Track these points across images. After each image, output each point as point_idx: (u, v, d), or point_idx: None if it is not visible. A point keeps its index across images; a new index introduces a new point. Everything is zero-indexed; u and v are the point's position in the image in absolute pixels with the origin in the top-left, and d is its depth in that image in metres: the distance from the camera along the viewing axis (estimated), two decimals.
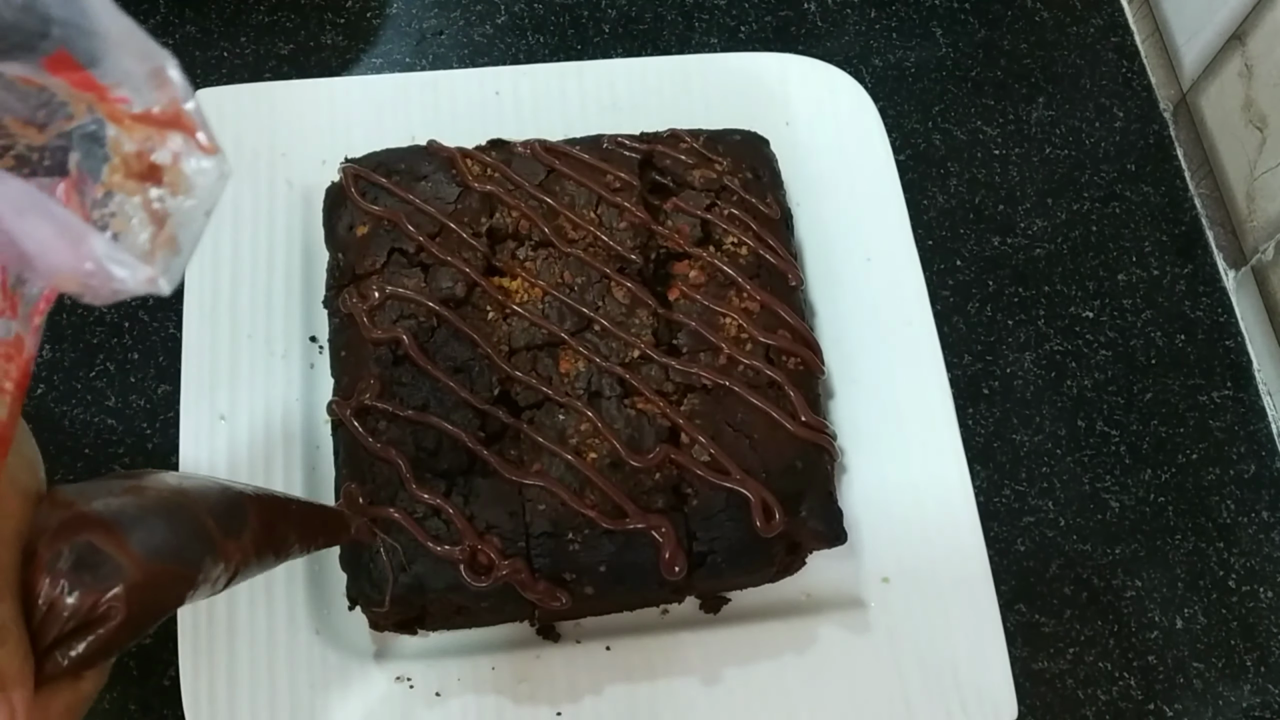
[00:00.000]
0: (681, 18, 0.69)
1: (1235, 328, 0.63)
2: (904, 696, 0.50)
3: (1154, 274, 0.64)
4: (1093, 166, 0.67)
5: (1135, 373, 0.62)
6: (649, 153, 0.56)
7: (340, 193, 0.54)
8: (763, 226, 0.54)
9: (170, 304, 0.59)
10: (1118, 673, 0.55)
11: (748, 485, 0.48)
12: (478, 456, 0.47)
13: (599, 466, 0.48)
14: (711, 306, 0.52)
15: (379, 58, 0.67)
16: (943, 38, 0.70)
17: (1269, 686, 0.55)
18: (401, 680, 0.49)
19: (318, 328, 0.56)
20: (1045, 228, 0.65)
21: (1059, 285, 0.64)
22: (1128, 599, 0.57)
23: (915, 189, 0.65)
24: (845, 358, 0.57)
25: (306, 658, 0.49)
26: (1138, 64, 0.70)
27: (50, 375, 0.57)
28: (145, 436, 0.56)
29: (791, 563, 0.52)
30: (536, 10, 0.69)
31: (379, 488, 0.47)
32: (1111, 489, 0.59)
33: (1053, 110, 0.68)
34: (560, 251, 0.52)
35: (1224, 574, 0.57)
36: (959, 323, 0.62)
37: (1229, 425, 0.61)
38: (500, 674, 0.50)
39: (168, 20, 0.66)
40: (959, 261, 0.64)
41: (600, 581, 0.47)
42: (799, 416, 0.50)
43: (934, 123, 0.67)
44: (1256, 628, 0.56)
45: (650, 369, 0.50)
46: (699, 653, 0.51)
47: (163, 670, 0.52)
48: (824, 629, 0.52)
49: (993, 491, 0.58)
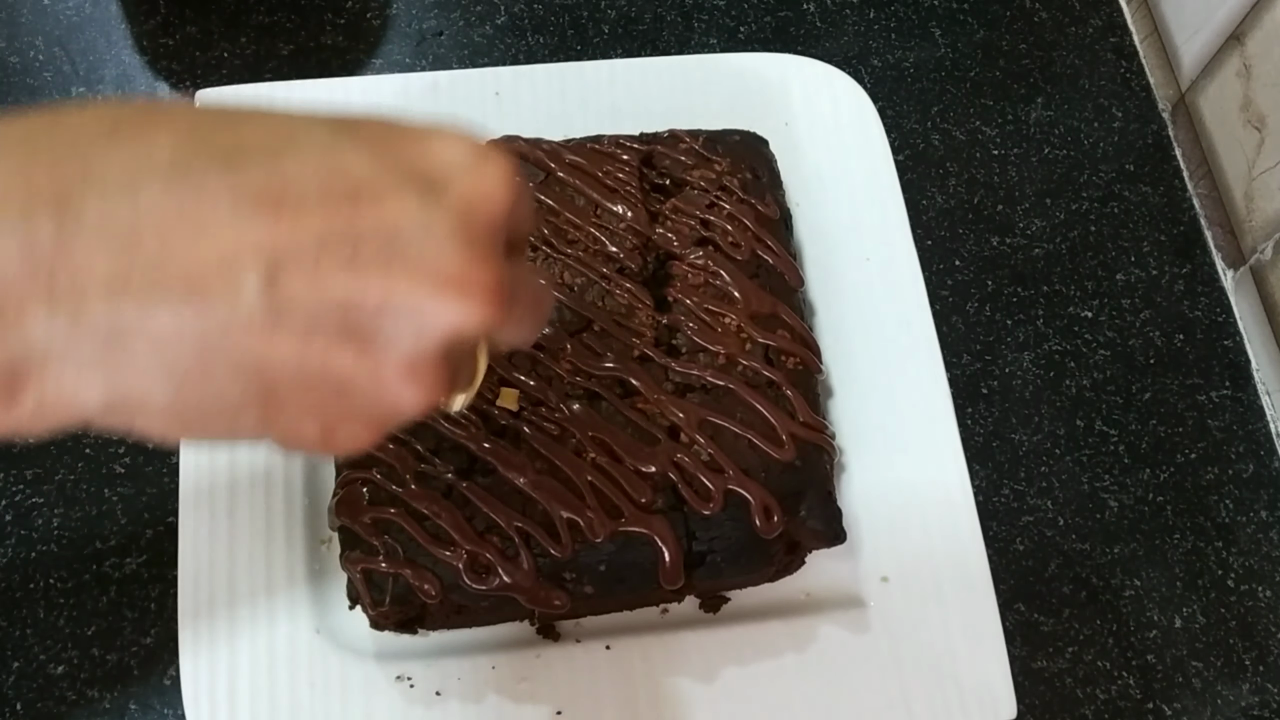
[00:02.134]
0: (681, 18, 0.69)
1: (1234, 327, 0.63)
2: (903, 695, 0.50)
3: (1152, 274, 0.64)
4: (1091, 166, 0.67)
5: (1134, 372, 0.62)
6: (648, 153, 0.56)
7: None
8: (762, 227, 0.54)
9: None
10: (1116, 672, 0.55)
11: (747, 485, 0.48)
12: (477, 457, 0.48)
13: (599, 467, 0.48)
14: (711, 307, 0.52)
15: (379, 58, 0.67)
16: (941, 38, 0.70)
17: (1268, 685, 0.55)
18: (401, 680, 0.49)
19: None
20: (1044, 228, 0.65)
21: (1058, 285, 0.64)
22: (1126, 598, 0.57)
23: (914, 189, 0.65)
24: (845, 358, 0.57)
25: (306, 658, 0.49)
26: (1136, 64, 0.70)
27: None
28: None
29: (791, 562, 0.52)
30: (536, 11, 0.69)
31: (378, 488, 0.47)
32: (1110, 488, 0.59)
33: (1051, 110, 0.68)
34: (559, 252, 0.52)
35: (1223, 573, 0.57)
36: (958, 323, 0.62)
37: (1228, 425, 0.61)
38: (500, 674, 0.50)
39: (168, 21, 0.66)
40: (958, 261, 0.64)
41: (600, 581, 0.47)
42: (798, 416, 0.50)
43: (933, 123, 0.67)
44: (1255, 627, 0.56)
45: (650, 369, 0.50)
46: (699, 652, 0.51)
47: (163, 670, 0.52)
48: (823, 628, 0.52)
49: (991, 491, 0.58)
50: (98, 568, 0.53)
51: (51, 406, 0.25)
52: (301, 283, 0.26)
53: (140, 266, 0.25)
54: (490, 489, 0.47)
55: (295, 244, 0.26)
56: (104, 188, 0.25)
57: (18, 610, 0.52)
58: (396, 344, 0.27)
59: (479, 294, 0.27)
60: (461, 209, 0.28)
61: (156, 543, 0.54)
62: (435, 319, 0.27)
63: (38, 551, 0.54)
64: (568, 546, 0.46)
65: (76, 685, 0.51)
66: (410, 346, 0.27)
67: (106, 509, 0.55)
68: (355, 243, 0.26)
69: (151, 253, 0.25)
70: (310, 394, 0.27)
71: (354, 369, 0.27)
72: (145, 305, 0.25)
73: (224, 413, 0.27)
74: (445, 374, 0.28)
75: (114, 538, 0.54)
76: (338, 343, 0.27)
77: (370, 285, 0.26)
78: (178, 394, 0.26)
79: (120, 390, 0.26)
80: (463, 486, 0.47)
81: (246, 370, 0.26)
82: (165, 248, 0.25)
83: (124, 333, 0.25)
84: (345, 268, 0.26)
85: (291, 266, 0.26)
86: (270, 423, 0.28)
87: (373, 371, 0.27)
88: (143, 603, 0.53)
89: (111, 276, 0.25)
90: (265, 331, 0.26)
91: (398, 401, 0.28)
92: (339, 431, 0.29)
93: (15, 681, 0.51)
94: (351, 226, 0.26)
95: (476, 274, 0.27)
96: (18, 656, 0.52)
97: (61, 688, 0.51)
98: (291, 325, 0.26)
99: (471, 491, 0.47)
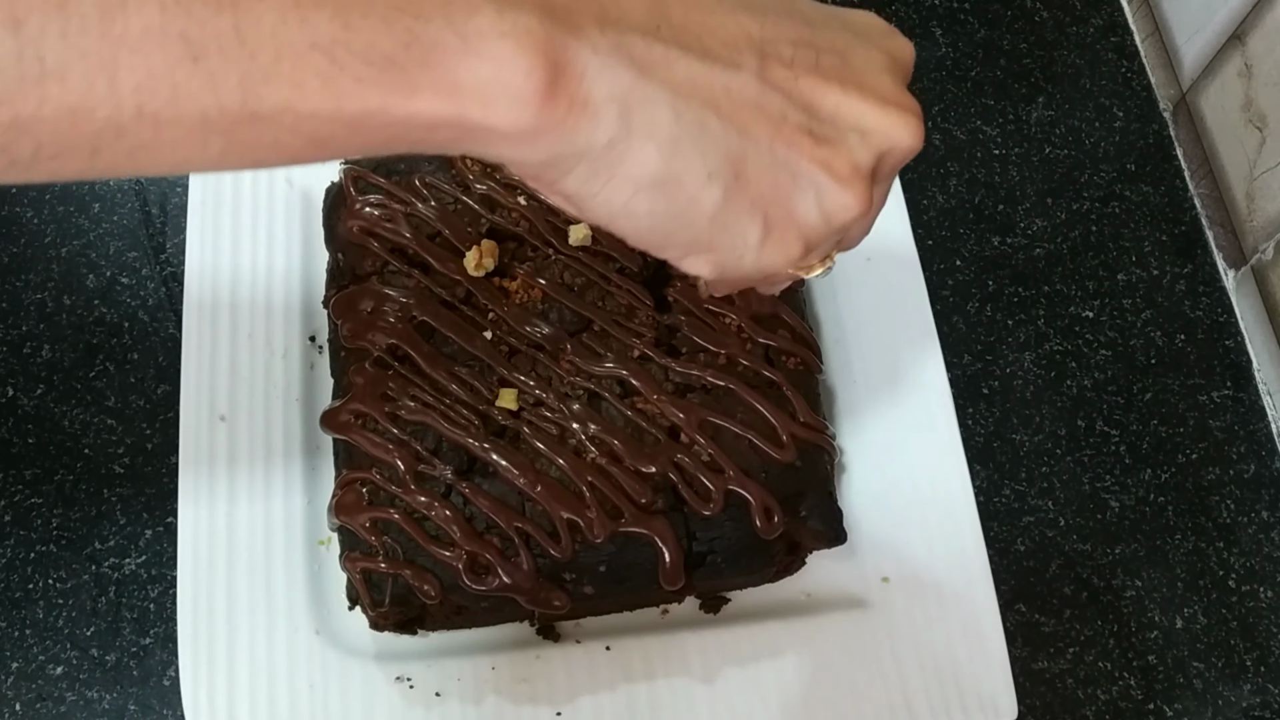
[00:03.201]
0: None
1: (1235, 327, 0.63)
2: (904, 696, 0.50)
3: (1154, 274, 0.64)
4: (1092, 166, 0.67)
5: (1135, 372, 0.62)
6: None
7: (340, 193, 0.54)
8: None
9: (170, 304, 0.59)
10: (1118, 672, 0.55)
11: (747, 486, 0.48)
12: (477, 457, 0.47)
13: (599, 467, 0.48)
14: (711, 307, 0.52)
15: None
16: (942, 38, 0.70)
17: (1269, 686, 0.55)
18: (401, 680, 0.49)
19: (318, 328, 0.56)
20: (1045, 227, 0.65)
21: (1059, 285, 0.64)
22: (1127, 599, 0.57)
23: (915, 189, 0.65)
24: (845, 358, 0.57)
25: (306, 658, 0.49)
26: (1137, 64, 0.70)
27: (50, 375, 0.57)
28: (145, 436, 0.56)
29: (791, 563, 0.52)
30: None
31: (378, 488, 0.47)
32: (1111, 489, 0.59)
33: (1052, 110, 0.68)
34: (559, 252, 0.52)
35: (1224, 574, 0.57)
36: (959, 322, 0.62)
37: (1229, 425, 0.61)
38: (500, 674, 0.50)
39: None
40: (959, 261, 0.64)
41: (600, 582, 0.47)
42: (799, 416, 0.50)
43: (934, 122, 0.67)
44: (1256, 627, 0.56)
45: (650, 369, 0.50)
46: (699, 653, 0.51)
47: (163, 670, 0.52)
48: (824, 629, 0.51)
49: (992, 491, 0.58)
50: (97, 568, 0.53)
51: (578, 111, 0.28)
52: (781, 73, 0.31)
53: (667, 26, 0.30)
54: (490, 489, 0.47)
55: (777, 42, 0.31)
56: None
57: (18, 610, 0.52)
58: (846, 144, 0.32)
59: (913, 118, 0.33)
60: (888, 55, 0.33)
61: (156, 543, 0.54)
62: (880, 130, 0.32)
63: (37, 551, 0.54)
64: (568, 547, 0.46)
65: (76, 685, 0.51)
66: (857, 149, 0.32)
67: (106, 509, 0.55)
68: (818, 52, 0.32)
69: (676, 20, 0.30)
70: (769, 176, 0.31)
71: (811, 156, 0.31)
72: (669, 52, 0.29)
73: (698, 179, 0.30)
74: (872, 191, 0.33)
75: (113, 538, 0.54)
76: (801, 131, 0.31)
77: (830, 90, 0.31)
78: (674, 146, 0.30)
79: (631, 117, 0.29)
80: (463, 486, 0.47)
81: (731, 135, 0.30)
82: (685, 20, 0.30)
83: (651, 67, 0.29)
84: (811, 71, 0.31)
85: (773, 59, 0.31)
86: (728, 205, 0.31)
87: (825, 162, 0.31)
88: (142, 603, 0.53)
89: (647, 23, 0.29)
90: (753, 104, 0.30)
91: (836, 201, 0.32)
92: (777, 237, 0.32)
93: (15, 681, 0.51)
94: (814, 39, 0.32)
95: (910, 101, 0.33)
96: (17, 656, 0.52)
97: (61, 688, 0.51)
98: (771, 106, 0.31)
99: (471, 491, 0.47)
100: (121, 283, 0.60)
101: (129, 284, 0.59)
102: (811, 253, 0.33)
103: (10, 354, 0.57)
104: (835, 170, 0.32)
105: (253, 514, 0.51)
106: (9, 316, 0.58)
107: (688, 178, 0.30)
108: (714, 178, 0.30)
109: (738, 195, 0.31)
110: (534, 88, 0.27)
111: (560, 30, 0.28)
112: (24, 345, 0.58)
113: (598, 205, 0.31)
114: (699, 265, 0.33)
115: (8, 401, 0.56)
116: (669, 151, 0.30)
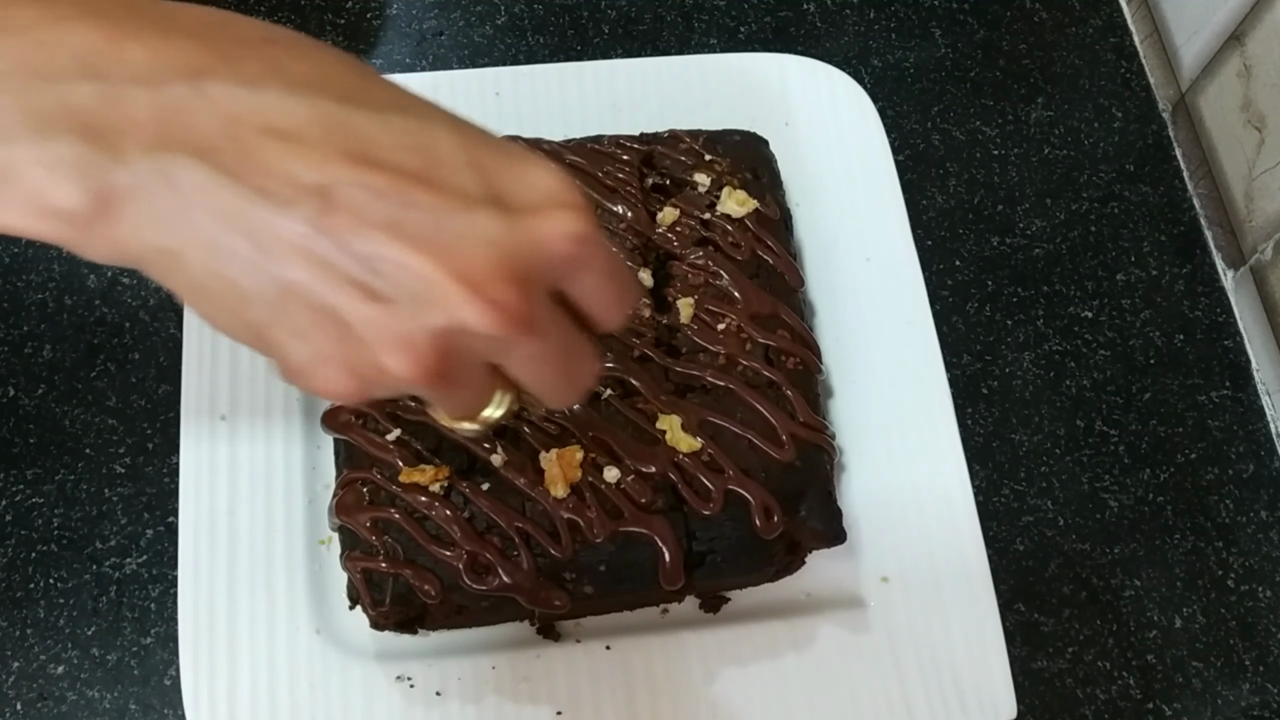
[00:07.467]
0: (681, 18, 0.69)
1: (1234, 328, 0.63)
2: (903, 695, 0.50)
3: (1153, 274, 0.64)
4: (1091, 167, 0.67)
5: (1134, 372, 0.62)
6: (648, 153, 0.56)
7: None
8: (762, 227, 0.54)
9: (171, 304, 0.59)
10: (1117, 672, 0.55)
11: (747, 485, 0.48)
12: (477, 457, 0.48)
13: (599, 467, 0.48)
14: (711, 307, 0.52)
15: (379, 59, 0.67)
16: (942, 38, 0.70)
17: (1268, 686, 0.55)
18: (401, 680, 0.49)
19: None
20: (1044, 228, 0.65)
21: (1058, 285, 0.64)
22: (1126, 598, 0.57)
23: (914, 189, 0.65)
24: (845, 358, 0.57)
25: (306, 658, 0.49)
26: (1136, 64, 0.70)
27: (50, 375, 0.57)
28: (146, 436, 0.56)
29: (791, 562, 0.52)
30: (536, 11, 0.69)
31: (378, 488, 0.47)
32: (1110, 489, 0.59)
33: (1051, 110, 0.68)
34: None
35: (1223, 573, 0.57)
36: (958, 323, 0.62)
37: (1228, 425, 0.61)
38: (500, 674, 0.50)
39: None
40: (958, 261, 0.64)
41: (600, 581, 0.47)
42: (798, 416, 0.50)
43: (933, 123, 0.67)
44: (1255, 627, 0.56)
45: (650, 369, 0.50)
46: (699, 652, 0.51)
47: (164, 670, 0.52)
48: (824, 628, 0.52)
49: (992, 491, 0.58)
50: (98, 568, 0.53)
51: (118, 229, 0.29)
52: (344, 223, 0.29)
53: (232, 152, 0.29)
54: (490, 489, 0.47)
55: (355, 190, 0.29)
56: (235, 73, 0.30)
57: (18, 610, 0.53)
58: (401, 310, 0.30)
59: (491, 305, 0.30)
60: (520, 233, 0.31)
61: (156, 543, 0.54)
62: (440, 306, 0.30)
63: (38, 551, 0.54)
64: (568, 547, 0.46)
65: (76, 685, 0.51)
66: (411, 318, 0.30)
67: (106, 509, 0.55)
68: (405, 209, 0.29)
69: (246, 147, 0.29)
70: (313, 316, 0.30)
71: (357, 314, 0.30)
72: (217, 178, 0.29)
73: (240, 296, 0.30)
74: (441, 366, 0.31)
75: (114, 538, 0.54)
76: (349, 283, 0.30)
77: (396, 250, 0.29)
78: (212, 260, 0.30)
79: (168, 239, 0.29)
80: (463, 486, 0.47)
81: (271, 266, 0.30)
82: (256, 148, 0.29)
83: (194, 192, 0.29)
84: (384, 227, 0.29)
85: (340, 206, 0.29)
86: (272, 326, 0.31)
87: (372, 323, 0.30)
88: (143, 603, 0.53)
89: (207, 145, 0.29)
90: (298, 246, 0.29)
91: (385, 363, 0.30)
92: (325, 367, 0.31)
93: (15, 681, 0.51)
94: (408, 197, 0.30)
95: (498, 288, 0.30)
96: (18, 656, 0.52)
97: (61, 688, 0.51)
98: (322, 252, 0.29)
99: (471, 491, 0.47)
100: (123, 283, 0.60)
101: (130, 284, 0.60)
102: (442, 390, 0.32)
103: (11, 354, 0.58)
104: (381, 331, 0.30)
105: (253, 514, 0.51)
106: (10, 316, 0.58)
107: (229, 299, 0.30)
108: (255, 300, 0.30)
109: (280, 320, 0.31)
110: (71, 211, 0.29)
111: (101, 156, 0.28)
112: (25, 345, 0.58)
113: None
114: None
115: (9, 401, 0.56)
116: (207, 275, 0.30)
